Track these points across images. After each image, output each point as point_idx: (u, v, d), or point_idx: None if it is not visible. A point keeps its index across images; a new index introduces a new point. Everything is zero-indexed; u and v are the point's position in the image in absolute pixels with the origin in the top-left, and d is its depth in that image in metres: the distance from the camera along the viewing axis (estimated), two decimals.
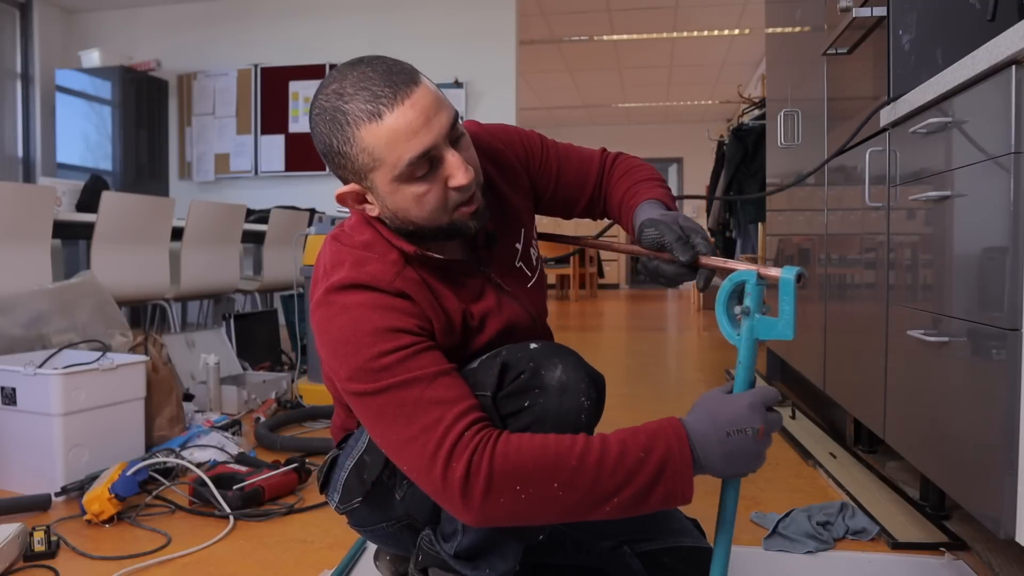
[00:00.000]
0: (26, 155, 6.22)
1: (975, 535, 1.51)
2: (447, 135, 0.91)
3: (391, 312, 0.92)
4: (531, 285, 1.14)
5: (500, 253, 1.10)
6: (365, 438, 1.09)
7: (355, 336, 0.90)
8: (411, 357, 0.89)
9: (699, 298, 7.82)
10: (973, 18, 1.57)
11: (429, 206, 0.94)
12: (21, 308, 2.17)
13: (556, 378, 0.95)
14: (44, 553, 1.46)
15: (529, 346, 0.98)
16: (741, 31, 7.35)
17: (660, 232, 0.98)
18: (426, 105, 0.89)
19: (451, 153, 0.92)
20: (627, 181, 1.19)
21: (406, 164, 0.89)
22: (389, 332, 0.90)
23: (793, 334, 0.88)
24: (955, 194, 1.34)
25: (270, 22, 6.24)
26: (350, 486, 1.11)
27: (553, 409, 0.94)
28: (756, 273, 0.90)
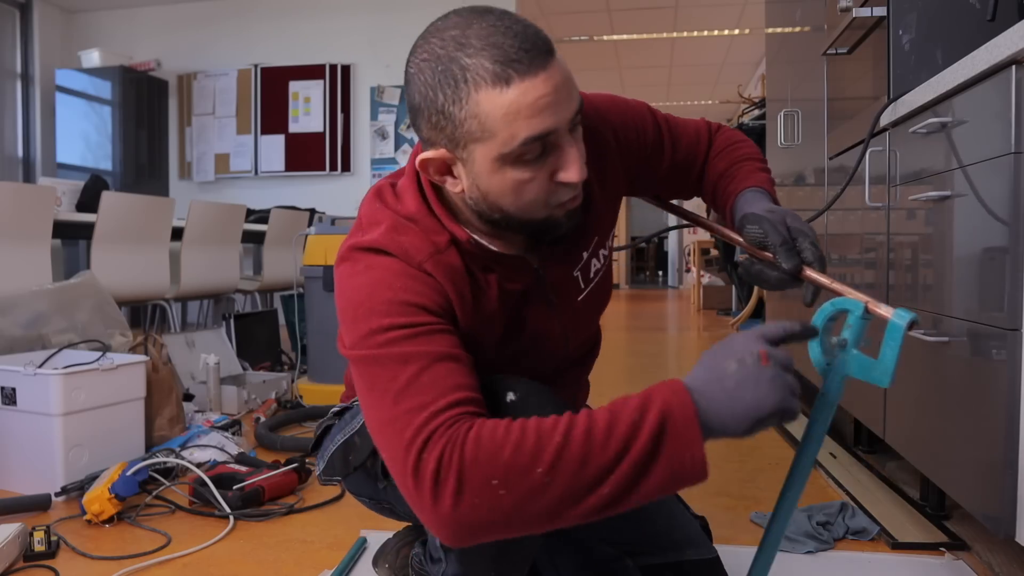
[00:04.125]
0: (26, 155, 6.22)
1: (975, 535, 1.51)
2: (571, 121, 0.79)
3: (414, 285, 0.82)
4: (581, 299, 1.00)
5: (563, 256, 0.97)
6: (361, 417, 1.00)
7: (370, 300, 0.81)
8: (421, 336, 0.79)
9: (699, 298, 7.82)
10: (973, 18, 1.57)
11: (528, 196, 0.81)
12: (21, 308, 2.17)
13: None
14: (44, 553, 1.46)
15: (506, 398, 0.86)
16: (741, 31, 7.35)
17: (764, 231, 0.89)
18: (559, 83, 0.77)
19: (571, 143, 0.80)
20: (726, 158, 1.08)
21: (519, 143, 0.76)
22: (406, 306, 0.80)
23: (889, 383, 0.79)
24: (955, 194, 1.34)
25: (270, 22, 6.24)
26: (334, 462, 1.06)
27: None
28: (864, 306, 0.81)
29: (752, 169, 1.05)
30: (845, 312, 0.82)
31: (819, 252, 0.88)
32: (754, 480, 1.96)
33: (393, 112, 6.04)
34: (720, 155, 1.09)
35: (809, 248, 0.88)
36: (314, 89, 6.11)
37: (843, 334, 0.82)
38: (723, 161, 1.08)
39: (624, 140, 1.01)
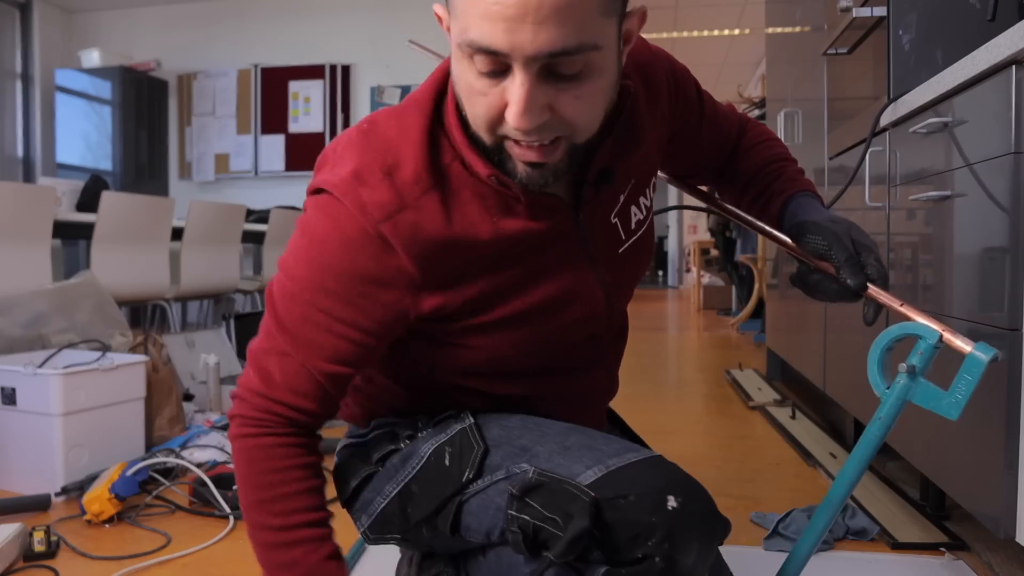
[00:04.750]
0: (26, 155, 6.22)
1: (975, 535, 1.51)
2: (536, 59, 0.64)
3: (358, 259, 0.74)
4: (623, 250, 0.88)
5: (603, 200, 0.84)
6: (416, 460, 0.86)
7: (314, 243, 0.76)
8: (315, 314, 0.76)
9: (699, 298, 7.82)
10: (973, 18, 1.57)
11: (475, 108, 0.70)
12: (21, 308, 2.17)
13: (688, 567, 0.72)
14: (44, 553, 1.46)
15: (667, 504, 0.72)
16: (741, 31, 7.34)
17: (828, 244, 0.83)
18: (535, 4, 0.61)
19: (524, 80, 0.65)
20: (765, 153, 1.01)
21: (467, 42, 0.66)
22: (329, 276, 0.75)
23: (958, 415, 0.76)
24: (955, 194, 1.34)
25: (270, 22, 6.24)
26: (388, 517, 0.89)
27: None
28: (940, 335, 0.78)
29: (797, 171, 1.00)
30: (910, 336, 0.79)
31: (884, 269, 0.84)
32: (754, 480, 1.96)
33: None
34: (757, 148, 1.02)
35: (874, 265, 0.83)
36: (314, 89, 6.12)
37: (911, 359, 0.79)
38: (761, 155, 1.01)
39: (674, 92, 0.91)
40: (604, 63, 0.68)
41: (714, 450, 2.25)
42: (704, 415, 2.82)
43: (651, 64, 0.88)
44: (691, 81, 0.96)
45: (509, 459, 0.81)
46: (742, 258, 5.35)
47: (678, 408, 2.91)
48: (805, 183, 0.99)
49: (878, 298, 0.83)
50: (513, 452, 0.81)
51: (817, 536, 0.87)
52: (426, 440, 0.87)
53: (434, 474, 0.84)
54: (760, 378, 3.41)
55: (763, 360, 3.63)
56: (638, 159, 0.86)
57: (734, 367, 3.75)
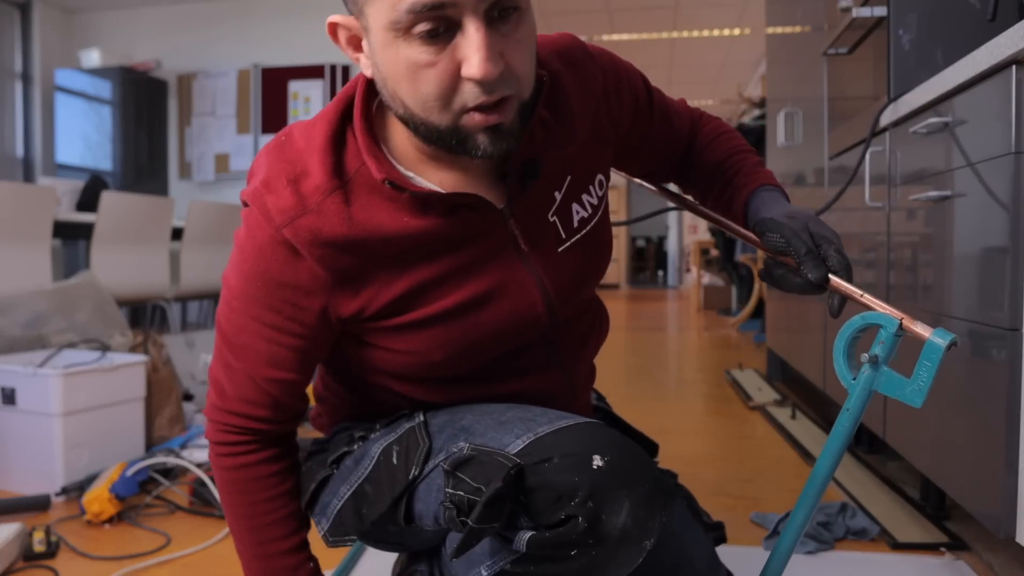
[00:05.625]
0: (26, 155, 6.22)
1: (975, 535, 1.51)
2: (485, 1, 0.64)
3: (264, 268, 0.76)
4: (563, 249, 0.85)
5: (535, 196, 0.82)
6: (368, 461, 0.87)
7: (233, 271, 0.80)
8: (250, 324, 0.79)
9: (699, 298, 7.82)
10: (973, 18, 1.57)
11: (425, 88, 0.67)
12: (21, 308, 2.17)
13: (620, 527, 0.70)
14: (44, 553, 1.46)
15: (592, 463, 0.71)
16: (741, 31, 7.34)
17: (786, 239, 0.83)
18: None
19: (477, 26, 0.64)
20: (722, 148, 1.00)
21: (405, 8, 0.63)
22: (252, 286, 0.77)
23: (922, 402, 0.77)
24: (955, 194, 1.34)
25: (270, 22, 6.24)
26: (344, 519, 0.88)
27: (604, 562, 0.71)
28: (900, 323, 0.78)
29: (755, 164, 0.99)
30: (875, 326, 0.80)
31: (845, 259, 0.83)
32: (754, 480, 1.96)
33: None
34: (714, 143, 1.01)
35: (834, 256, 0.82)
36: (314, 89, 6.11)
37: (873, 349, 0.79)
38: (719, 150, 1.00)
39: (614, 87, 0.90)
40: (529, 11, 0.70)
41: (714, 450, 2.25)
42: (704, 415, 2.82)
43: (584, 62, 0.87)
44: (636, 78, 0.95)
45: (450, 441, 0.81)
46: (742, 258, 5.35)
47: (678, 408, 2.91)
48: (764, 176, 0.98)
49: (840, 289, 0.83)
50: (454, 433, 0.81)
51: (796, 533, 0.88)
52: (376, 440, 0.88)
53: (384, 474, 0.84)
54: (760, 378, 3.41)
55: (763, 360, 3.64)
56: (571, 155, 0.85)
57: (734, 367, 3.76)
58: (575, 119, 0.85)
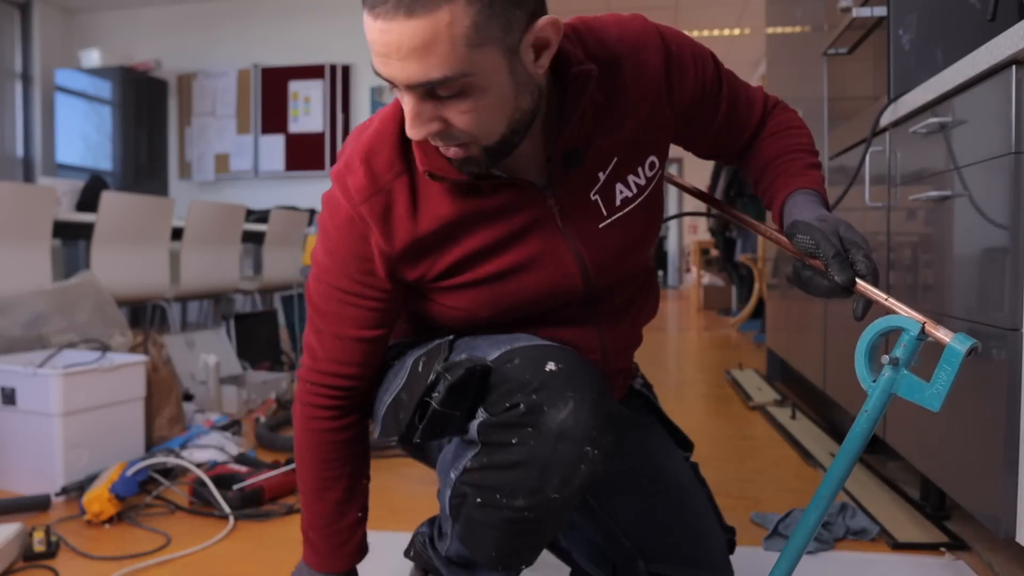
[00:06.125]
0: (26, 155, 6.22)
1: (975, 535, 1.51)
2: (406, 85, 0.75)
3: (345, 244, 0.90)
4: (604, 225, 0.94)
5: (578, 177, 0.91)
6: (404, 373, 0.96)
7: (319, 245, 0.94)
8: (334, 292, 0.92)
9: (699, 298, 7.82)
10: (973, 18, 1.57)
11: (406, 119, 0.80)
12: (21, 308, 2.17)
13: (559, 421, 0.80)
14: (44, 553, 1.46)
15: (545, 362, 0.84)
16: (741, 31, 7.35)
17: (815, 242, 0.85)
18: (396, 45, 0.72)
19: (409, 99, 0.76)
20: (780, 143, 1.03)
21: (374, 68, 0.77)
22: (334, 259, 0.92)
23: (939, 407, 0.77)
24: (955, 194, 1.34)
25: (270, 22, 6.24)
26: (387, 424, 0.99)
27: (543, 457, 0.81)
28: (922, 327, 0.79)
29: (804, 165, 1.01)
30: (897, 330, 0.80)
31: (872, 264, 0.84)
32: (754, 480, 1.96)
33: None
34: (774, 137, 1.04)
35: (862, 261, 0.84)
36: (314, 89, 6.12)
37: (895, 352, 0.80)
38: (776, 145, 1.03)
39: (678, 71, 0.94)
40: (486, 83, 0.75)
41: (714, 450, 2.25)
42: (704, 415, 2.82)
43: (648, 46, 0.92)
44: (707, 61, 0.98)
45: (458, 354, 0.92)
46: (742, 258, 5.35)
47: (678, 408, 2.91)
48: (808, 179, 0.99)
49: (866, 293, 0.84)
50: (464, 349, 0.93)
51: (808, 533, 0.88)
52: (412, 354, 0.98)
53: (413, 381, 0.92)
54: (760, 378, 3.41)
55: (763, 360, 3.64)
56: (619, 139, 0.91)
57: (734, 367, 3.76)
58: (629, 104, 0.91)
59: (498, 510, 0.84)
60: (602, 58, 0.88)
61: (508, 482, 0.83)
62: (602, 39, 0.89)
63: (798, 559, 0.89)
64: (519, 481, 0.82)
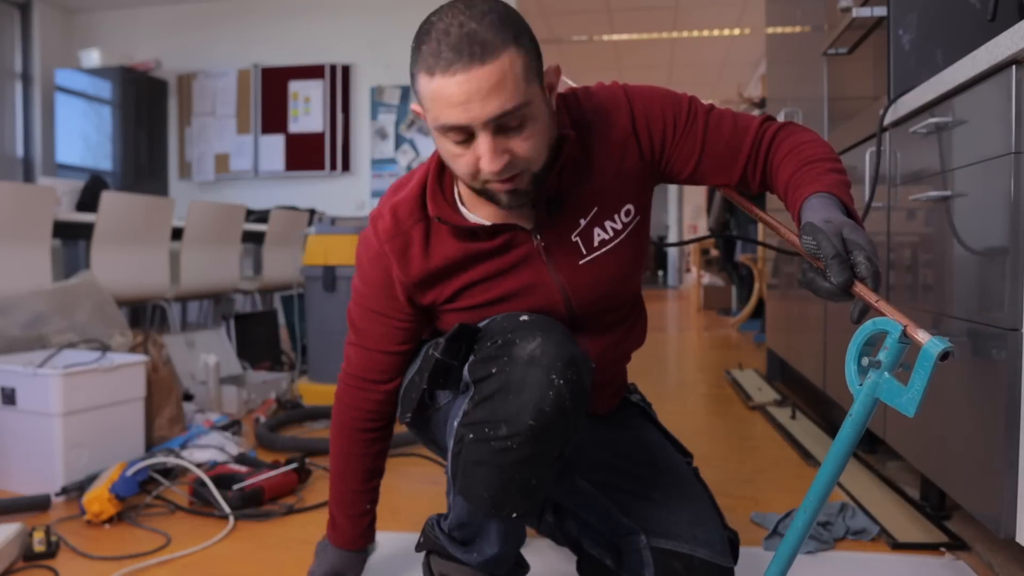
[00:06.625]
0: (26, 155, 6.22)
1: (975, 535, 1.51)
2: (489, 122, 0.90)
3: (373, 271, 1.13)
4: (584, 262, 1.09)
5: (560, 222, 1.08)
6: (418, 360, 1.16)
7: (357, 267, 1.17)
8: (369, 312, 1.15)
9: (699, 298, 7.82)
10: (973, 18, 1.57)
11: (459, 168, 0.97)
12: (21, 308, 2.17)
13: (528, 350, 0.95)
14: (44, 553, 1.46)
15: (519, 316, 1.02)
16: (741, 31, 7.35)
17: (817, 242, 0.86)
18: (476, 89, 0.89)
19: (486, 138, 0.92)
20: (794, 160, 1.06)
21: (439, 125, 0.93)
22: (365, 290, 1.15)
23: (915, 412, 0.77)
24: (955, 194, 1.35)
25: (270, 22, 6.24)
26: (404, 401, 1.18)
27: (517, 380, 0.94)
28: (903, 330, 0.78)
29: (820, 171, 1.02)
30: (885, 333, 0.79)
31: (874, 267, 0.84)
32: (754, 480, 1.96)
33: (393, 112, 6.04)
34: (788, 157, 1.07)
35: (863, 263, 0.84)
36: (314, 89, 6.12)
37: (879, 355, 0.80)
38: (791, 164, 1.06)
39: (644, 121, 1.09)
40: (536, 112, 0.94)
41: (714, 450, 2.25)
42: (704, 415, 2.82)
43: (614, 109, 1.08)
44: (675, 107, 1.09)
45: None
46: (742, 258, 5.35)
47: (678, 408, 2.91)
48: (823, 183, 1.00)
49: (860, 295, 0.84)
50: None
51: (799, 536, 0.88)
52: (426, 347, 1.13)
53: (424, 363, 1.09)
54: (760, 378, 3.41)
55: (763, 360, 3.64)
56: (599, 189, 1.08)
57: (734, 367, 3.76)
58: (602, 159, 1.08)
59: (487, 443, 0.95)
60: (581, 123, 1.06)
61: (492, 411, 0.95)
62: (582, 108, 1.07)
63: (790, 562, 0.89)
64: (500, 408, 0.94)
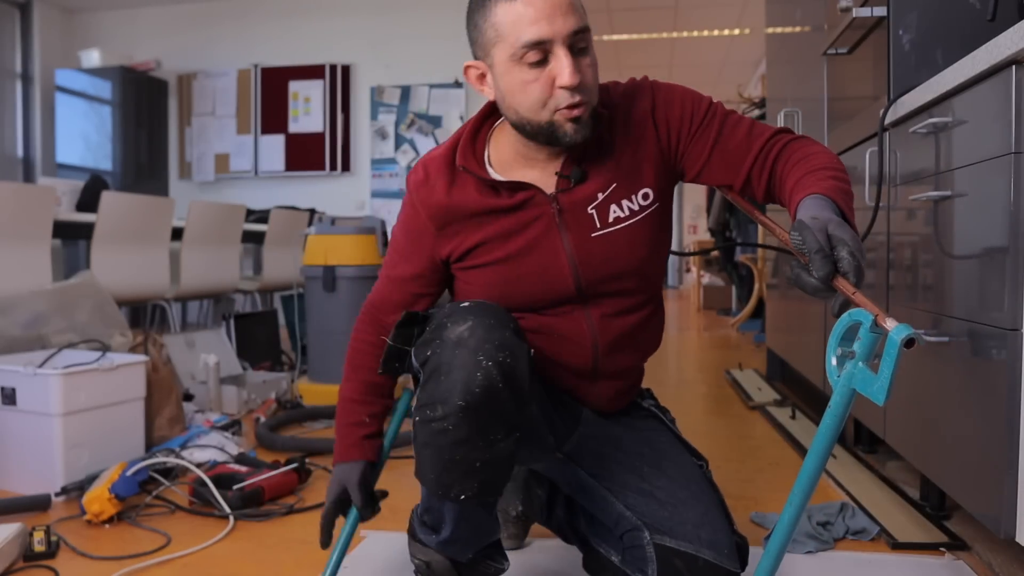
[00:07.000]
0: (26, 155, 6.23)
1: (975, 535, 1.51)
2: (567, 38, 1.00)
3: (406, 214, 1.21)
4: (596, 235, 1.14)
5: (579, 192, 1.13)
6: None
7: (399, 213, 1.24)
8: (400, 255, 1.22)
9: (699, 298, 7.82)
10: (973, 18, 1.57)
11: (532, 96, 1.03)
12: (21, 308, 2.17)
13: (457, 332, 0.99)
14: (44, 553, 1.46)
15: (462, 304, 1.06)
16: (741, 31, 7.35)
17: (803, 238, 0.87)
18: (558, 4, 1.00)
19: (564, 53, 1.00)
20: (801, 169, 1.08)
21: (521, 45, 1.00)
22: (401, 234, 1.22)
23: (884, 400, 0.77)
24: (955, 194, 1.35)
25: (270, 22, 6.24)
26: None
27: (446, 362, 0.98)
28: (874, 319, 0.78)
29: (822, 177, 1.04)
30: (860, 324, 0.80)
31: (856, 263, 0.84)
32: (754, 480, 1.96)
33: (393, 112, 6.04)
34: (796, 166, 1.09)
35: (847, 258, 0.84)
36: (314, 89, 6.12)
37: (854, 345, 0.80)
38: (797, 172, 1.08)
39: (664, 109, 1.15)
40: (592, 49, 1.05)
41: (714, 450, 2.25)
42: (704, 415, 2.82)
43: (639, 95, 1.16)
44: (695, 103, 1.15)
45: None
46: (742, 258, 5.35)
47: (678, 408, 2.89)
48: (820, 187, 1.01)
49: (842, 289, 0.84)
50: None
51: (786, 532, 0.88)
52: None
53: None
54: (760, 378, 3.41)
55: (763, 360, 3.64)
56: (615, 166, 1.14)
57: (734, 367, 3.76)
58: (625, 139, 1.15)
59: (428, 424, 0.99)
60: (607, 104, 1.13)
61: (430, 395, 0.99)
62: (612, 93, 1.15)
63: (779, 559, 0.89)
64: (434, 390, 0.98)
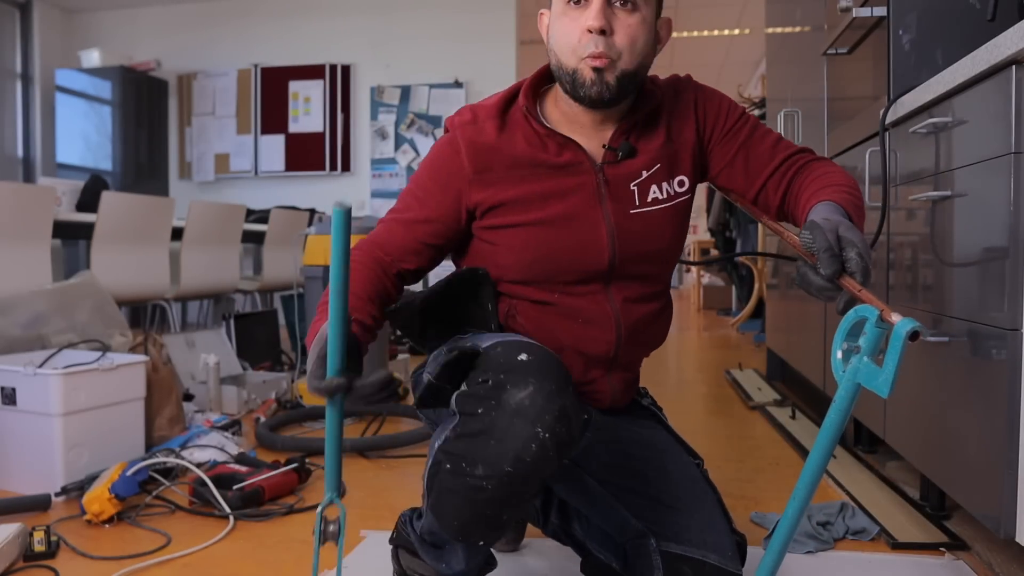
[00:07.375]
0: (26, 155, 6.23)
1: (975, 535, 1.51)
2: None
3: (440, 154, 1.15)
4: (634, 212, 1.14)
5: (625, 167, 1.13)
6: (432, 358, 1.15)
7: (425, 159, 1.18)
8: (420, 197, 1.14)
9: (699, 298, 7.82)
10: (973, 18, 1.57)
11: (565, 39, 1.06)
12: (21, 308, 2.17)
13: (517, 399, 0.90)
14: (44, 553, 1.46)
15: (519, 355, 0.95)
16: (741, 31, 7.35)
17: (813, 237, 0.89)
18: None
19: (600, 3, 1.02)
20: (818, 183, 1.10)
21: None
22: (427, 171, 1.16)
23: (888, 392, 0.78)
24: (955, 194, 1.35)
25: (270, 22, 6.24)
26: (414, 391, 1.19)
27: (501, 428, 0.90)
28: (879, 314, 0.80)
29: (836, 191, 1.06)
30: (866, 320, 0.81)
31: (864, 263, 0.86)
32: (754, 480, 1.96)
33: (393, 112, 6.04)
34: (813, 181, 1.12)
35: (855, 259, 0.86)
36: (314, 89, 6.12)
37: (859, 340, 0.82)
38: (814, 186, 1.11)
39: (702, 108, 1.19)
40: (644, 15, 1.05)
41: (714, 450, 2.25)
42: (704, 415, 2.82)
43: (686, 88, 1.20)
44: (729, 108, 1.19)
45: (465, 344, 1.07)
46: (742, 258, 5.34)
47: (678, 408, 2.91)
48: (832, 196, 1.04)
49: (848, 287, 0.86)
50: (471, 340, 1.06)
51: (789, 528, 0.88)
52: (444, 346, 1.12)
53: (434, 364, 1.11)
54: (760, 378, 3.41)
55: (763, 360, 3.63)
56: (660, 147, 1.15)
57: (734, 367, 3.76)
58: (667, 126, 1.17)
59: (462, 477, 0.92)
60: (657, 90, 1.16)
61: (472, 450, 0.91)
62: (656, 83, 1.18)
63: (782, 556, 0.89)
64: (480, 450, 0.91)
